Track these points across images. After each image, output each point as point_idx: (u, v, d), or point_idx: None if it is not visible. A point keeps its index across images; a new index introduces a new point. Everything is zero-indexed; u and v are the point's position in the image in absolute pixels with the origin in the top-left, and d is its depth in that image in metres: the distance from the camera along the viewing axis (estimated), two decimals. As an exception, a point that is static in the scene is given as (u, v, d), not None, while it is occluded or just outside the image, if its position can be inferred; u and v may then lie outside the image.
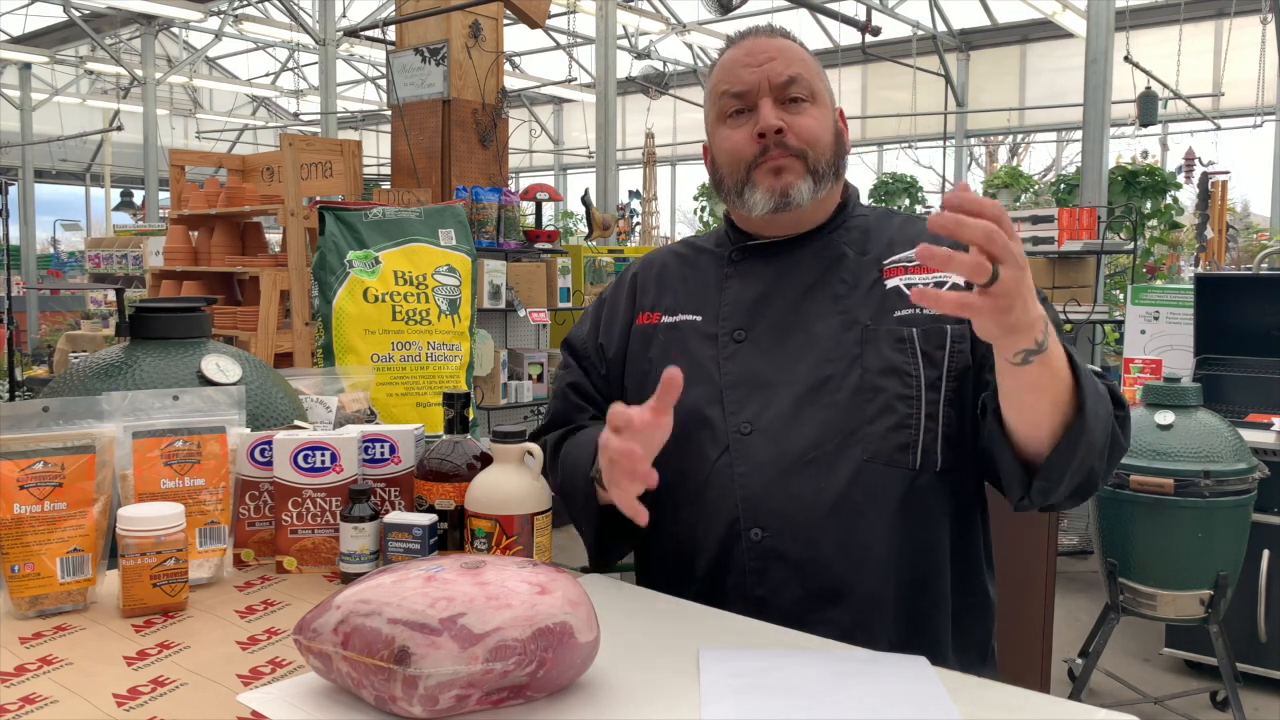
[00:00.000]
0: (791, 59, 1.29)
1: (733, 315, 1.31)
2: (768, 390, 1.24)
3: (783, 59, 1.28)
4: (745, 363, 1.28)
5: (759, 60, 1.28)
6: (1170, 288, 4.43)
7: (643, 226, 11.91)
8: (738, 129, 1.29)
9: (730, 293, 1.33)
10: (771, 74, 1.27)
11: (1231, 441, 2.65)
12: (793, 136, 1.26)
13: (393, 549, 1.16)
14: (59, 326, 9.76)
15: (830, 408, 1.22)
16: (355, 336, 2.71)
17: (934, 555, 1.23)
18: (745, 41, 1.32)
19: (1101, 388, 1.14)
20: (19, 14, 13.08)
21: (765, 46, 1.30)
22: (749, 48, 1.31)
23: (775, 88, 1.27)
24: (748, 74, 1.28)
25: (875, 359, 1.22)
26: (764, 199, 1.28)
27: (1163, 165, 10.10)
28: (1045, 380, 1.02)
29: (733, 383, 1.26)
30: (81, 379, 1.42)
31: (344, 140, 4.86)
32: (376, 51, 12.30)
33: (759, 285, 1.32)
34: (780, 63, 1.28)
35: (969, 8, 12.57)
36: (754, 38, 1.32)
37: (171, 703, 0.89)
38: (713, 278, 1.37)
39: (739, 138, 1.29)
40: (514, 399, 4.55)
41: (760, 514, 1.21)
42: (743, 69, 1.29)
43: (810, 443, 1.20)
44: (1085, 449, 1.08)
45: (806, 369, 1.24)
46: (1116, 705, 1.66)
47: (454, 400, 1.27)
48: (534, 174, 17.85)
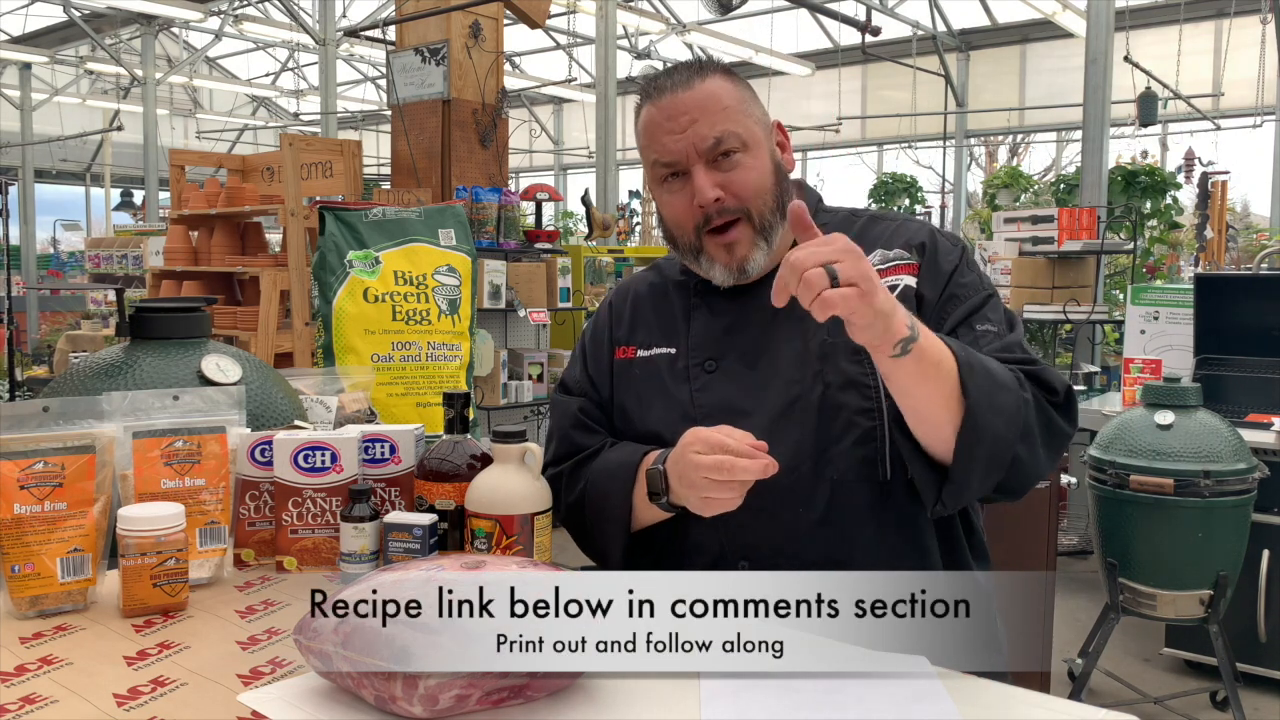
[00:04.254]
0: (713, 112, 1.22)
1: (702, 346, 1.32)
2: (742, 419, 1.22)
3: (705, 118, 1.22)
4: (718, 393, 1.28)
5: (681, 125, 1.22)
6: (1170, 288, 4.43)
7: (642, 226, 11.91)
8: (676, 194, 1.26)
9: (698, 324, 1.33)
10: (696, 140, 1.22)
11: (1231, 441, 2.65)
12: (732, 199, 1.23)
13: (393, 549, 1.16)
14: (59, 326, 9.76)
15: (800, 427, 1.22)
16: (355, 336, 2.71)
17: (925, 560, 1.24)
18: (664, 100, 1.24)
19: (1008, 377, 1.12)
20: (19, 14, 13.08)
21: (685, 105, 1.23)
22: (669, 108, 1.24)
23: (703, 152, 1.22)
24: (672, 142, 1.23)
25: (835, 374, 1.23)
26: (723, 273, 1.27)
27: (1163, 165, 10.09)
28: (929, 370, 1.04)
29: (707, 413, 1.26)
30: (81, 379, 1.42)
31: (344, 140, 4.86)
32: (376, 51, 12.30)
33: (726, 316, 1.32)
34: (703, 124, 1.22)
35: (969, 8, 12.57)
36: (672, 93, 1.24)
37: (171, 703, 0.89)
38: (680, 309, 1.36)
39: (680, 204, 1.26)
40: (514, 399, 4.55)
41: (745, 546, 1.23)
42: (666, 136, 1.24)
43: (786, 467, 1.17)
44: (988, 441, 1.08)
45: (775, 393, 1.25)
46: (1116, 705, 1.66)
47: (454, 400, 1.27)
48: (534, 174, 17.85)
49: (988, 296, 1.26)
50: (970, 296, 1.25)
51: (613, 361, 1.39)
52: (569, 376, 1.46)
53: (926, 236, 1.30)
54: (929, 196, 12.43)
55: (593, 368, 1.42)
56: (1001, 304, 1.29)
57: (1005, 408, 1.10)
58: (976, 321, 1.23)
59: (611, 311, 1.44)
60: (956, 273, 1.26)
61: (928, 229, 1.33)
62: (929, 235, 1.31)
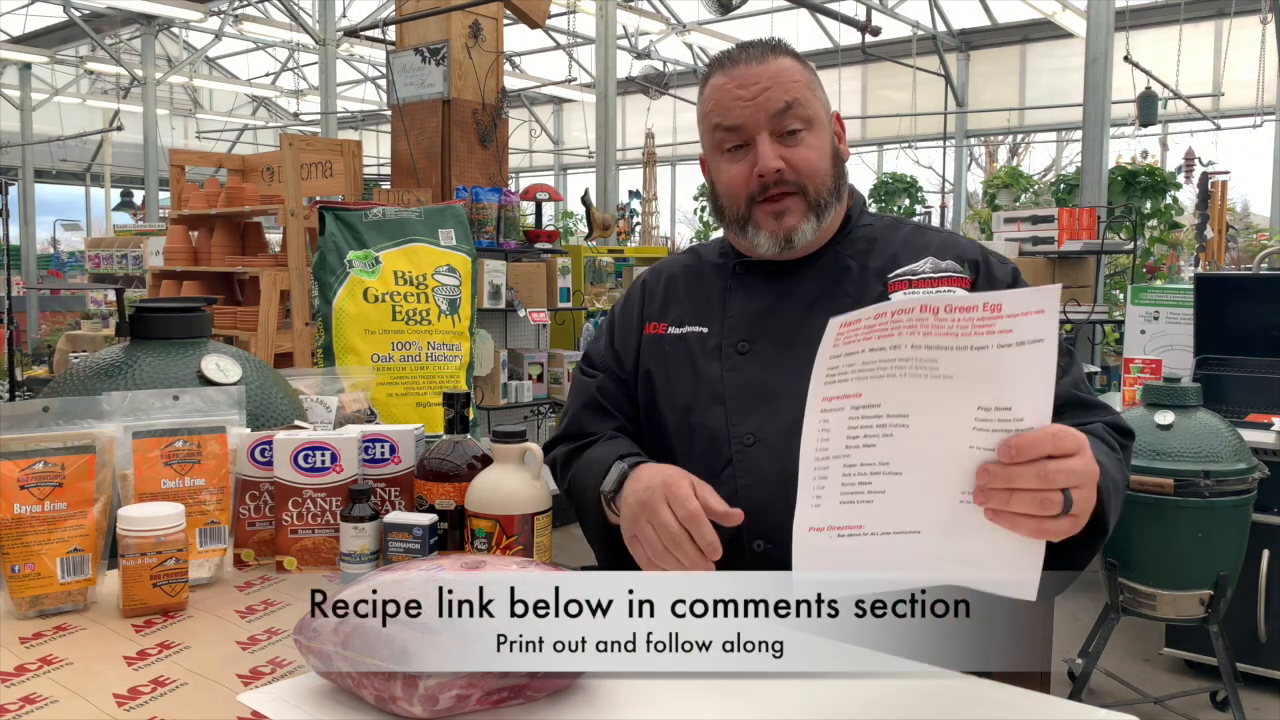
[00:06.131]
0: (786, 84, 1.24)
1: (737, 328, 1.32)
2: (771, 402, 1.24)
3: (777, 86, 1.24)
4: (749, 374, 1.28)
5: (752, 93, 1.24)
6: (1170, 288, 4.43)
7: (643, 226, 11.92)
8: (736, 163, 1.27)
9: (734, 305, 1.33)
10: (767, 106, 1.23)
11: (1231, 441, 2.65)
12: (792, 172, 1.25)
13: (393, 549, 1.16)
14: (59, 326, 9.76)
15: None
16: (355, 336, 2.71)
17: None
18: (737, 70, 1.26)
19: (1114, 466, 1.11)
20: (19, 14, 13.08)
21: (757, 75, 1.25)
22: (740, 77, 1.25)
23: (770, 120, 1.24)
24: (740, 108, 1.24)
25: None
26: (768, 241, 1.28)
27: (1163, 165, 10.09)
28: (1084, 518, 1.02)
29: (736, 394, 1.27)
30: (81, 379, 1.42)
31: (344, 140, 4.86)
32: (376, 51, 12.30)
33: (763, 299, 1.32)
34: (776, 90, 1.24)
35: (969, 8, 12.57)
36: (745, 65, 1.26)
37: (171, 703, 0.89)
38: (717, 290, 1.37)
39: (737, 173, 1.27)
40: (514, 399, 4.55)
41: (764, 526, 1.22)
42: (735, 102, 1.25)
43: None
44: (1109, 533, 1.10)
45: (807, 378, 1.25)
46: (1116, 705, 1.66)
47: (454, 400, 1.27)
48: (534, 174, 17.86)
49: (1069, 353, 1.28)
50: None
51: (641, 337, 1.40)
52: (594, 350, 1.46)
53: (979, 254, 1.32)
54: (929, 196, 12.44)
55: (619, 342, 1.42)
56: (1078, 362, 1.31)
57: (1120, 504, 1.11)
58: None
59: (645, 289, 1.44)
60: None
61: (978, 246, 1.35)
62: (981, 253, 1.32)
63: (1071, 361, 1.26)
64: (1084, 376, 1.26)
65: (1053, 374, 0.81)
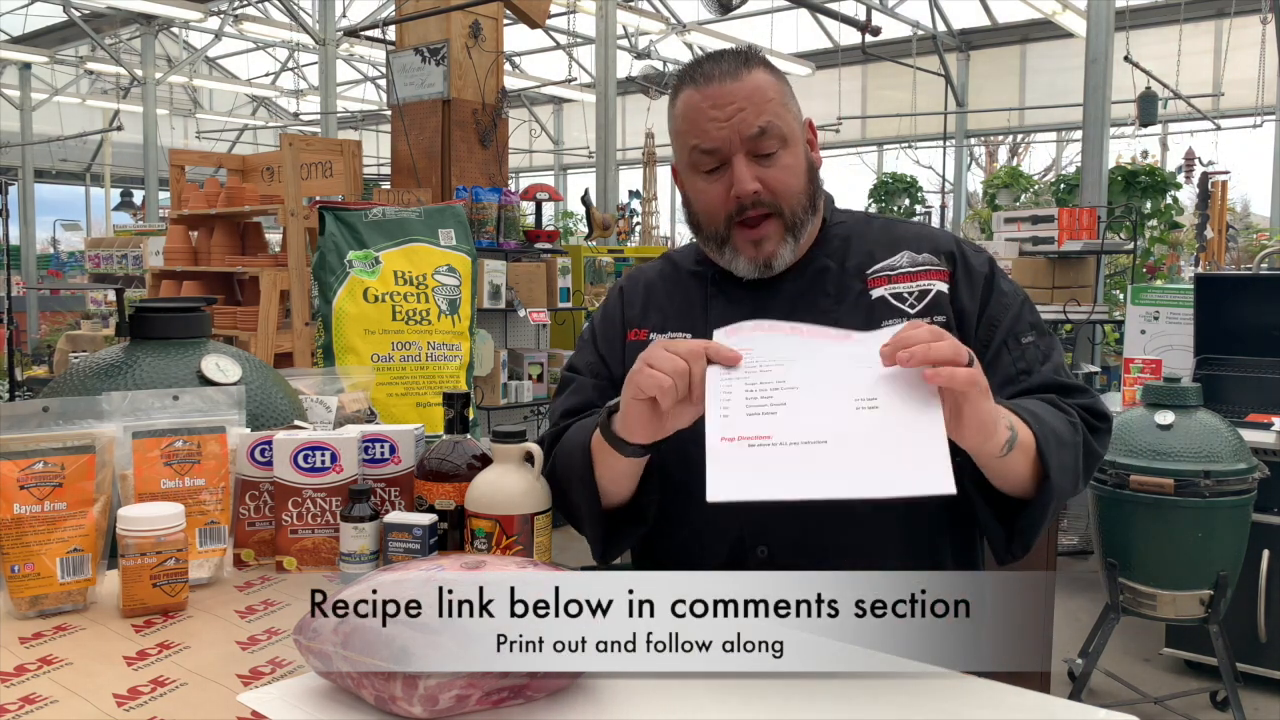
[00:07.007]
0: (760, 104, 1.22)
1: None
2: None
3: (751, 106, 1.22)
4: None
5: (727, 114, 1.22)
6: (1170, 288, 4.43)
7: (643, 226, 11.92)
8: (712, 184, 1.25)
9: (716, 311, 1.32)
10: (742, 129, 1.21)
11: (1231, 441, 2.65)
12: (768, 194, 1.23)
13: (393, 549, 1.16)
14: (59, 326, 9.76)
15: None
16: (355, 336, 2.71)
17: (938, 557, 1.25)
18: (710, 87, 1.23)
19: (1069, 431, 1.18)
20: (19, 14, 13.08)
21: (732, 94, 1.22)
22: (714, 96, 1.23)
23: (746, 142, 1.22)
24: (716, 130, 1.22)
25: None
26: (747, 266, 1.27)
27: (1163, 165, 10.10)
28: (1020, 457, 1.10)
29: None
30: (81, 379, 1.42)
31: (344, 140, 4.86)
32: (376, 51, 12.30)
33: (745, 305, 1.30)
34: (750, 112, 1.21)
35: (969, 8, 12.58)
36: (720, 82, 1.23)
37: (171, 703, 0.89)
38: (698, 296, 1.35)
39: (715, 193, 1.25)
40: (514, 399, 4.56)
41: (765, 531, 1.22)
42: (710, 123, 1.22)
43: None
44: (1057, 500, 1.17)
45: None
46: (1116, 705, 1.66)
47: (454, 400, 1.27)
48: (534, 174, 17.86)
49: (1023, 302, 1.29)
50: (1010, 307, 1.27)
51: (625, 344, 1.38)
52: (578, 360, 1.43)
53: (954, 245, 1.32)
54: (929, 196, 12.44)
55: (604, 347, 1.40)
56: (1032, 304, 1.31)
57: (1070, 466, 1.16)
58: (1021, 334, 1.27)
59: (623, 296, 1.42)
60: (991, 282, 1.28)
61: (953, 237, 1.35)
62: (955, 244, 1.32)
63: (1052, 346, 1.28)
64: (1063, 362, 1.29)
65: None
